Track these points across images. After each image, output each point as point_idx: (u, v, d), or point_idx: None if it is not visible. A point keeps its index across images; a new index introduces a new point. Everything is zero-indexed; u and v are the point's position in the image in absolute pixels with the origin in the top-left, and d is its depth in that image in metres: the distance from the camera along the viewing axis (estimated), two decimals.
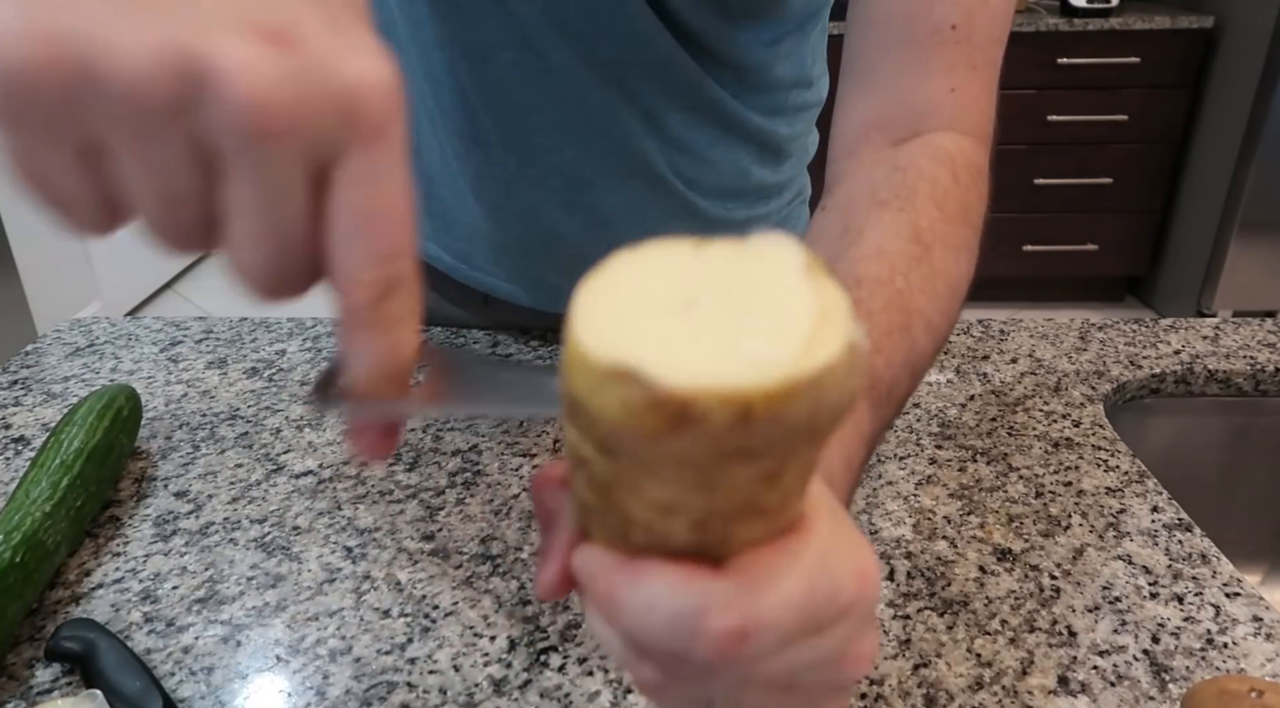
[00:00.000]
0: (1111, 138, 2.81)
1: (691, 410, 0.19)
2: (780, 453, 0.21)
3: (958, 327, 0.86)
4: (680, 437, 0.20)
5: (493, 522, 0.60)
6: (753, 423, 0.19)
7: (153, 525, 0.60)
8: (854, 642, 0.27)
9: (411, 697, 0.47)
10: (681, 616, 0.23)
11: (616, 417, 0.20)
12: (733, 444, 0.20)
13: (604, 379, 0.20)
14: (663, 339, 0.20)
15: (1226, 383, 0.79)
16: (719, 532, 0.23)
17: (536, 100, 0.66)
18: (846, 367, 0.20)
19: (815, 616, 0.25)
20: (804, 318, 0.20)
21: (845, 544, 0.26)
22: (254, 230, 0.23)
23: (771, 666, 0.25)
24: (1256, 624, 0.51)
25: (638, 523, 0.23)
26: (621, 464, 0.22)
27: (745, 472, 0.21)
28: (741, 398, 0.19)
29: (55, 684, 0.48)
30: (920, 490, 0.63)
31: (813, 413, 0.20)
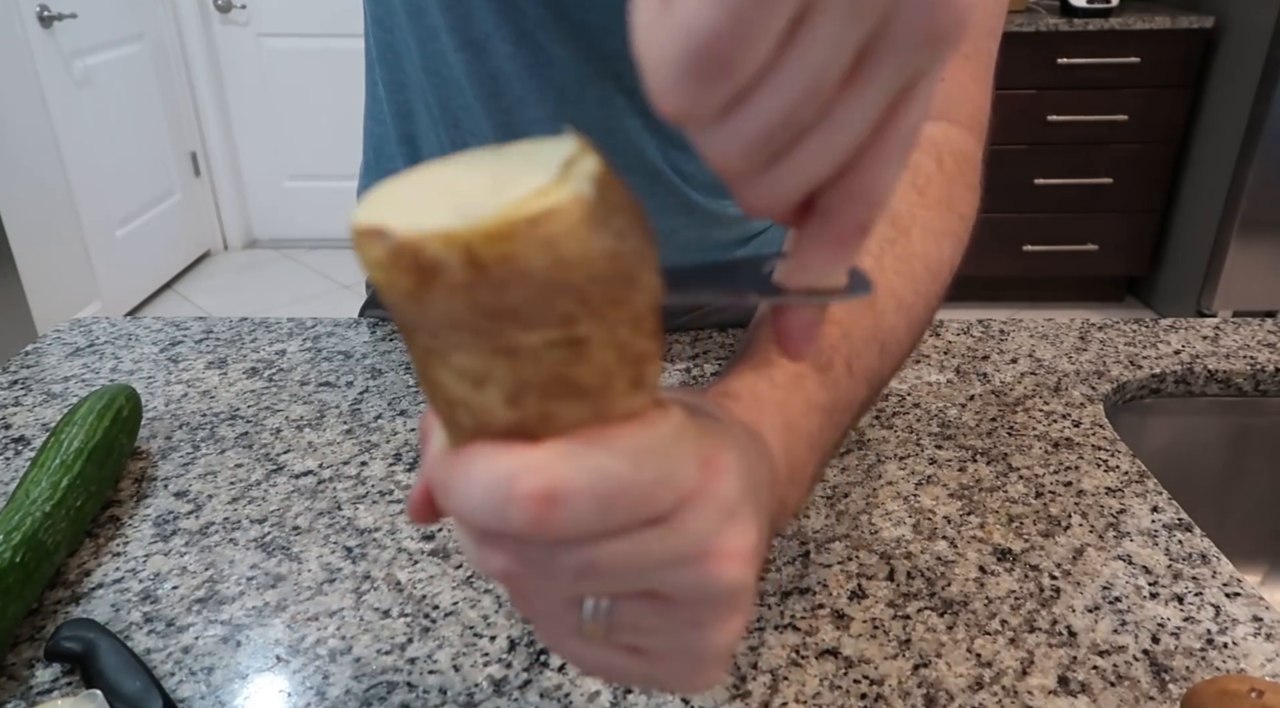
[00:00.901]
0: (1111, 138, 2.81)
1: (423, 257, 0.20)
2: (555, 317, 0.22)
3: (957, 326, 0.86)
4: (434, 292, 0.21)
5: None
6: (487, 270, 0.20)
7: (153, 525, 0.60)
8: (715, 537, 0.26)
9: (411, 697, 0.47)
10: (494, 484, 0.23)
11: (380, 278, 0.21)
12: (489, 299, 0.21)
13: (360, 244, 0.21)
14: (415, 207, 0.21)
15: (1226, 383, 0.79)
16: (537, 411, 0.23)
17: (534, 93, 0.66)
18: (579, 220, 0.21)
19: (640, 494, 0.24)
20: (539, 179, 0.21)
21: (693, 435, 0.26)
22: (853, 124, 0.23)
23: (608, 551, 0.25)
24: (1256, 624, 0.51)
25: (458, 403, 0.24)
26: (419, 339, 0.23)
27: (531, 338, 0.22)
28: (460, 239, 0.20)
29: (55, 684, 0.48)
30: (920, 490, 0.63)
31: (555, 265, 0.21)
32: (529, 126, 0.67)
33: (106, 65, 2.96)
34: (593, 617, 0.27)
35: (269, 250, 3.73)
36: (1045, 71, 2.71)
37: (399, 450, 0.68)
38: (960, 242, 0.49)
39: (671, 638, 0.27)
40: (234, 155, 3.63)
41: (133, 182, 3.13)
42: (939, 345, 0.82)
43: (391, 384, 0.77)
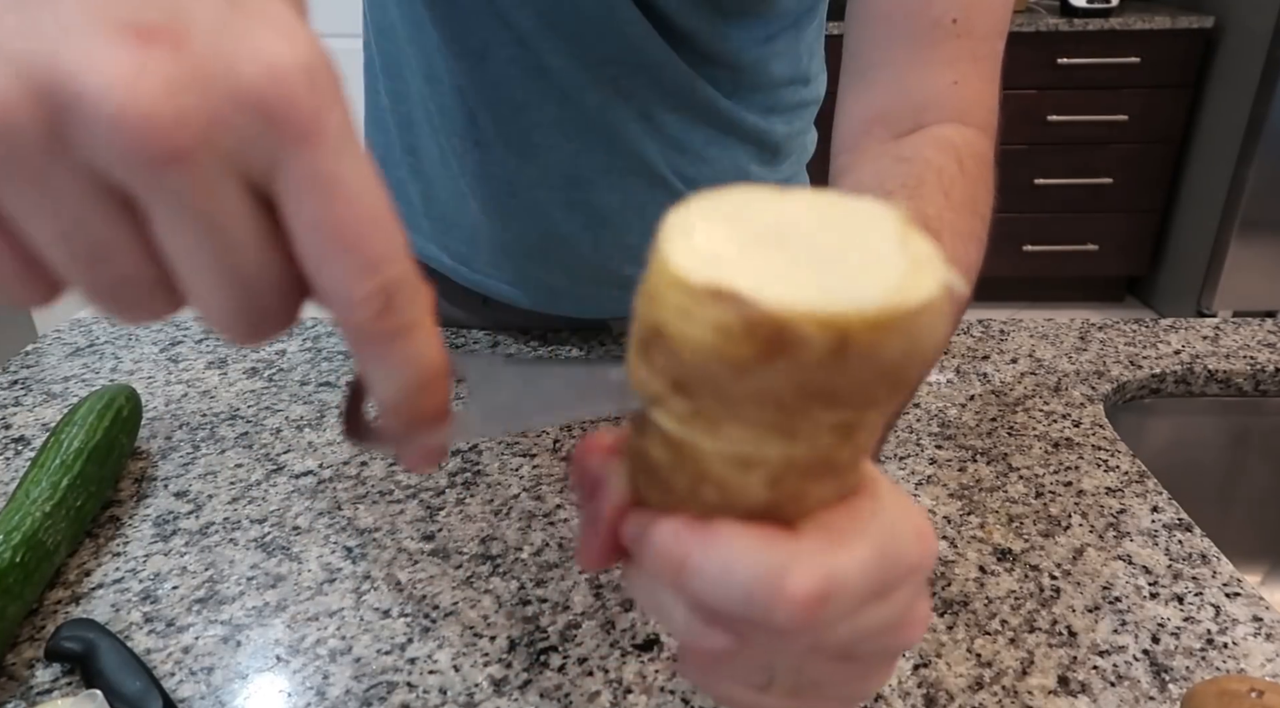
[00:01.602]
0: (1111, 138, 2.81)
1: (788, 334, 0.19)
2: (862, 400, 0.21)
3: (958, 326, 0.86)
4: (771, 367, 0.19)
5: (493, 522, 0.60)
6: (848, 355, 0.19)
7: (153, 526, 0.60)
8: (913, 607, 0.26)
9: (411, 697, 0.47)
10: (761, 578, 0.22)
11: (708, 342, 0.19)
12: (821, 381, 0.20)
13: (698, 301, 0.19)
14: (756, 267, 0.19)
15: (1226, 383, 0.79)
16: (793, 490, 0.22)
17: (534, 100, 0.66)
18: (940, 310, 0.20)
19: (885, 578, 0.24)
20: (899, 259, 0.20)
21: (904, 507, 0.26)
22: (206, 276, 0.19)
23: (841, 631, 0.24)
24: (1256, 624, 0.51)
25: (711, 479, 0.22)
26: (701, 403, 0.21)
27: (826, 418, 0.21)
28: (841, 324, 0.19)
29: (55, 684, 0.48)
30: (920, 490, 0.63)
31: (905, 353, 0.20)
32: (531, 131, 0.67)
33: None
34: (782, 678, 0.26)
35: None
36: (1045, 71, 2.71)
37: None
38: (982, 243, 0.49)
39: (842, 688, 0.28)
40: None
41: None
42: None
43: None
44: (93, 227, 0.19)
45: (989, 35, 0.53)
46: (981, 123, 0.53)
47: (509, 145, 0.68)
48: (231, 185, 0.19)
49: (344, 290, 0.20)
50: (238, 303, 0.20)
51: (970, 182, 0.49)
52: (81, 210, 0.18)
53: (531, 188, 0.70)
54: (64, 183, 0.18)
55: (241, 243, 0.19)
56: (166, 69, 0.17)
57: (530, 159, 0.69)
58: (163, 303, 0.21)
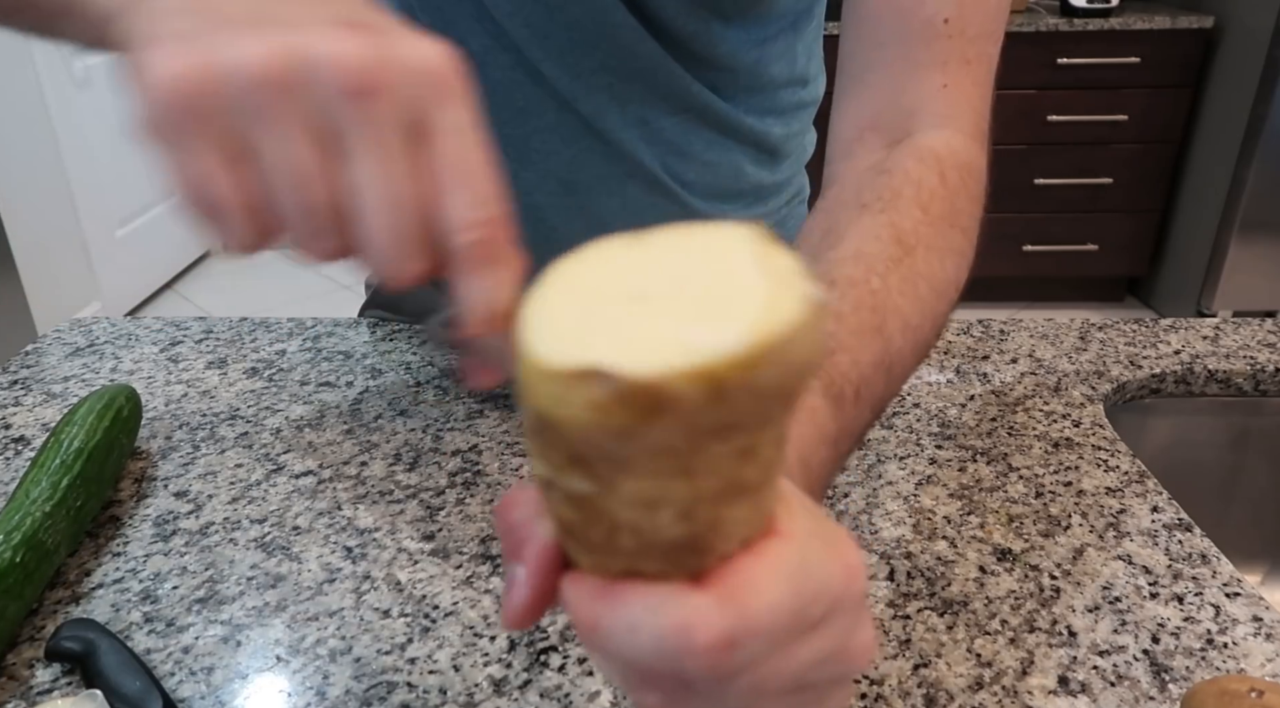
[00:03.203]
0: (1111, 138, 2.81)
1: (662, 396, 0.19)
2: (755, 423, 0.21)
3: (957, 326, 0.86)
4: (655, 426, 0.19)
5: (493, 522, 0.60)
6: (726, 396, 0.19)
7: (153, 526, 0.60)
8: (852, 634, 0.27)
9: (411, 697, 0.47)
10: (666, 635, 0.23)
11: (586, 421, 0.19)
12: (708, 422, 0.20)
13: (566, 385, 0.19)
14: (618, 334, 0.19)
15: (1226, 383, 0.79)
16: (707, 518, 0.22)
17: (531, 106, 0.66)
18: (810, 324, 0.20)
19: (803, 615, 0.24)
20: (758, 286, 0.20)
21: (824, 540, 0.26)
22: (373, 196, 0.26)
23: (773, 670, 0.25)
24: (1256, 624, 0.51)
25: (624, 527, 0.22)
26: (597, 469, 0.21)
27: (722, 449, 0.21)
28: (709, 372, 0.19)
29: (55, 684, 0.48)
30: (920, 490, 0.63)
31: (784, 375, 0.20)
32: (528, 137, 0.67)
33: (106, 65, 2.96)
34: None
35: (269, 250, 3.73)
36: (1045, 71, 2.71)
37: (399, 450, 0.68)
38: (965, 258, 0.48)
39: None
40: None
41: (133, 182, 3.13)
42: (939, 345, 0.82)
43: (391, 384, 0.77)
44: (305, 155, 0.26)
45: (982, 37, 0.52)
46: (971, 128, 0.52)
47: (506, 151, 0.68)
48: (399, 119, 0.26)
49: (465, 212, 0.27)
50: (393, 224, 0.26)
51: (951, 194, 0.48)
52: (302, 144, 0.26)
53: (529, 193, 0.70)
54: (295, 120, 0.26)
55: (399, 167, 0.26)
56: (367, 44, 0.26)
57: (528, 165, 0.69)
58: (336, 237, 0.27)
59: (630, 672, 0.25)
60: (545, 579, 0.25)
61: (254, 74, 0.25)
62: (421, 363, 0.80)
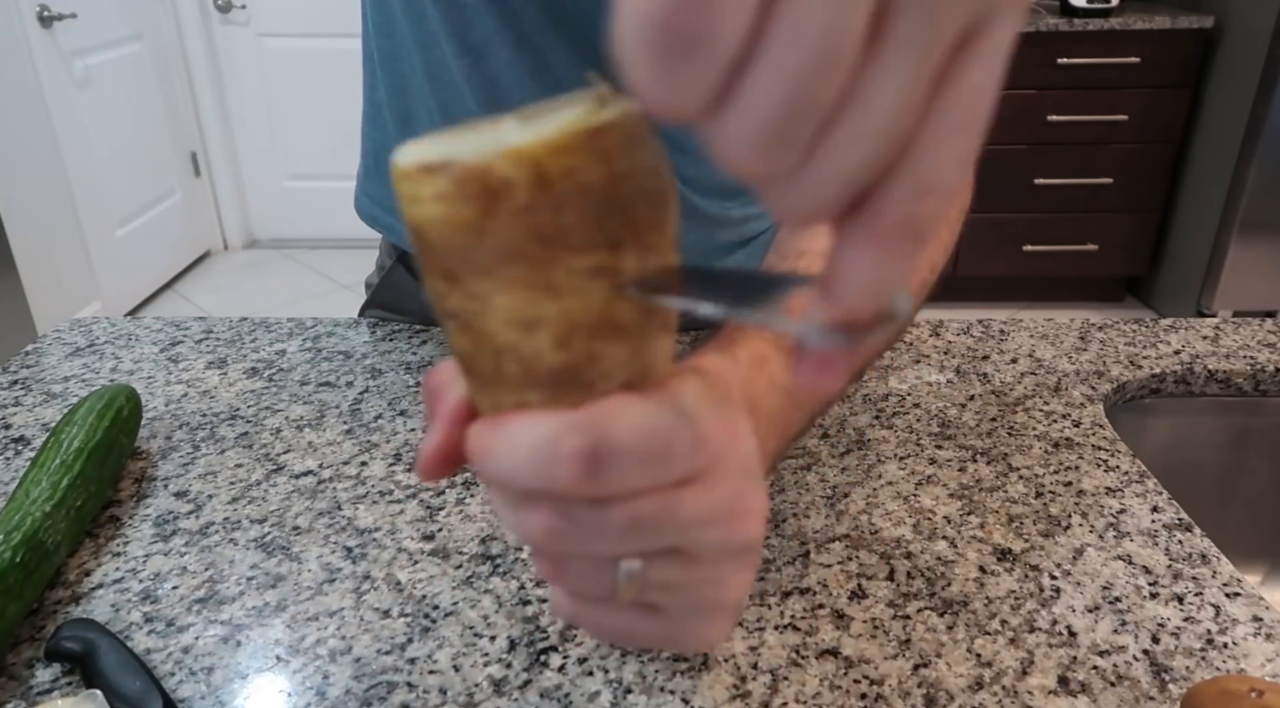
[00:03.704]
0: (1111, 138, 2.81)
1: (491, 180, 0.21)
2: (602, 238, 0.22)
3: (957, 326, 0.86)
4: (496, 220, 0.21)
5: (493, 522, 0.60)
6: (553, 188, 0.21)
7: (153, 525, 0.60)
8: (739, 499, 0.27)
9: (411, 697, 0.47)
10: (538, 445, 0.24)
11: (438, 215, 0.22)
12: (546, 222, 0.22)
13: (417, 182, 0.22)
14: (465, 145, 0.22)
15: (1226, 383, 0.79)
16: (585, 351, 0.24)
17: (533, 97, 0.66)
18: (629, 133, 0.22)
19: (674, 452, 0.25)
20: (583, 103, 0.22)
21: (714, 403, 0.27)
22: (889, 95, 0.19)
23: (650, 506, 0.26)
24: (1256, 624, 0.51)
25: (505, 351, 0.24)
26: (468, 284, 0.23)
27: (577, 263, 0.23)
28: (529, 154, 0.21)
29: (55, 684, 0.48)
30: (920, 490, 0.63)
31: (609, 177, 0.22)
32: None
33: (106, 65, 2.96)
34: (628, 576, 0.28)
35: (269, 250, 3.73)
36: (1045, 71, 2.71)
37: (399, 450, 0.68)
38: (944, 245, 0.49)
39: (693, 594, 0.29)
40: (234, 155, 3.63)
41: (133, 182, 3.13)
42: (939, 345, 0.82)
43: (391, 384, 0.77)
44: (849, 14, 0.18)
45: None
46: None
47: None
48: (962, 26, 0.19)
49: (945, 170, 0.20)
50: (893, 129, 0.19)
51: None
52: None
53: None
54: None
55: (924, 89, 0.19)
56: None
57: None
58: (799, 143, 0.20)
59: (517, 496, 0.27)
60: (454, 427, 0.28)
61: None
62: (421, 363, 0.80)
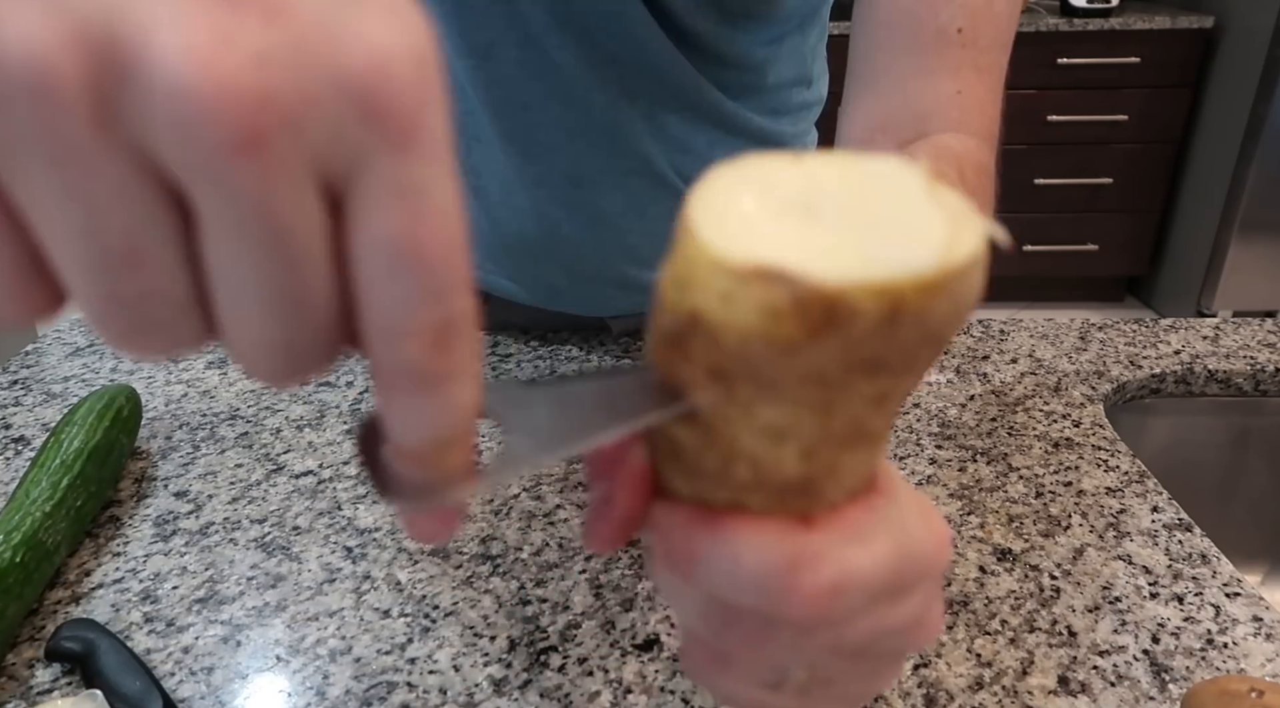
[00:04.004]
0: (1111, 138, 2.81)
1: (842, 309, 0.18)
2: (904, 366, 0.20)
3: None
4: (821, 344, 0.18)
5: (493, 522, 0.60)
6: (899, 323, 0.18)
7: (153, 525, 0.60)
8: (929, 607, 0.26)
9: (411, 697, 0.47)
10: (772, 571, 0.22)
11: (755, 326, 0.18)
12: (870, 352, 0.19)
13: (741, 283, 0.18)
14: (794, 240, 0.18)
15: (1226, 383, 0.79)
16: (827, 462, 0.21)
17: (538, 98, 0.66)
18: (983, 264, 0.19)
19: (900, 577, 0.23)
20: (936, 216, 0.19)
21: (920, 505, 0.25)
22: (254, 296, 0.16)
23: (860, 628, 0.24)
24: (1256, 624, 0.51)
25: (744, 457, 0.21)
26: (738, 389, 0.20)
27: (867, 389, 0.20)
28: (895, 291, 0.18)
29: (55, 684, 0.48)
30: (920, 490, 0.63)
31: (951, 313, 0.19)
32: (534, 130, 0.67)
33: None
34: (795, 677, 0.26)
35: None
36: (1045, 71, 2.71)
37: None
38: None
39: (849, 687, 0.27)
40: None
41: None
42: None
43: None
44: (127, 222, 0.15)
45: (993, 47, 0.53)
46: (983, 132, 0.53)
47: (511, 143, 0.68)
48: (307, 185, 0.16)
49: (400, 318, 0.17)
50: (284, 333, 0.17)
51: (969, 191, 0.49)
52: (117, 201, 0.15)
53: (533, 187, 0.70)
54: (101, 164, 0.15)
55: (304, 256, 0.16)
56: (256, 39, 0.14)
57: (532, 158, 0.69)
58: (187, 330, 0.17)
59: (714, 608, 0.24)
60: (638, 500, 0.24)
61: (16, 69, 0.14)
62: None
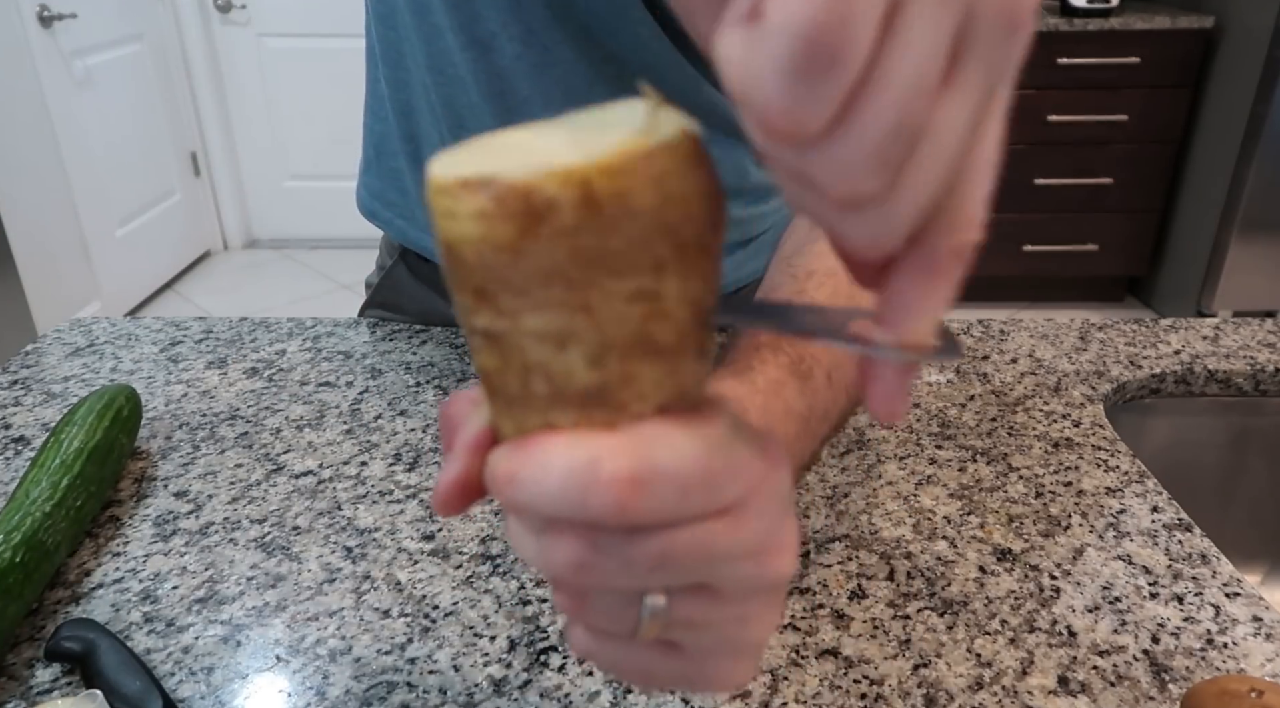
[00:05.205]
0: (1111, 138, 2.81)
1: (536, 199, 0.20)
2: (647, 262, 0.21)
3: (957, 326, 0.86)
4: (537, 240, 0.20)
5: (493, 522, 0.60)
6: (602, 210, 0.20)
7: (153, 525, 0.60)
8: (771, 534, 0.26)
9: (411, 697, 0.47)
10: (574, 470, 0.23)
11: (475, 233, 0.21)
12: (591, 245, 0.21)
13: (454, 197, 0.20)
14: (505, 159, 0.21)
15: (1226, 383, 0.79)
16: (617, 369, 0.23)
17: (538, 93, 0.66)
18: (685, 155, 0.21)
19: (713, 484, 0.24)
20: (635, 120, 0.21)
21: (749, 433, 0.26)
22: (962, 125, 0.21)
23: (683, 540, 0.24)
24: (1256, 624, 0.51)
25: (535, 368, 0.23)
26: (500, 302, 0.22)
27: (618, 287, 0.22)
28: (579, 175, 0.20)
29: (55, 684, 0.48)
30: (920, 490, 0.63)
31: (660, 202, 0.21)
32: None
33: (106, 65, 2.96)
34: (652, 612, 0.26)
35: (269, 250, 3.73)
36: (1045, 71, 2.71)
37: (399, 450, 0.68)
38: None
39: (717, 633, 0.28)
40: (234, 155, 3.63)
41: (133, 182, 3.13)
42: None
43: (391, 384, 0.77)
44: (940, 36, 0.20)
45: None
46: None
47: None
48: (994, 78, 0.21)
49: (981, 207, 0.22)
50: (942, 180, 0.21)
51: None
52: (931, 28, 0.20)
53: None
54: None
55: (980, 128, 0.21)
56: None
57: None
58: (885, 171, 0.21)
59: (544, 538, 0.25)
60: (474, 456, 0.26)
61: None
62: (421, 363, 0.80)
